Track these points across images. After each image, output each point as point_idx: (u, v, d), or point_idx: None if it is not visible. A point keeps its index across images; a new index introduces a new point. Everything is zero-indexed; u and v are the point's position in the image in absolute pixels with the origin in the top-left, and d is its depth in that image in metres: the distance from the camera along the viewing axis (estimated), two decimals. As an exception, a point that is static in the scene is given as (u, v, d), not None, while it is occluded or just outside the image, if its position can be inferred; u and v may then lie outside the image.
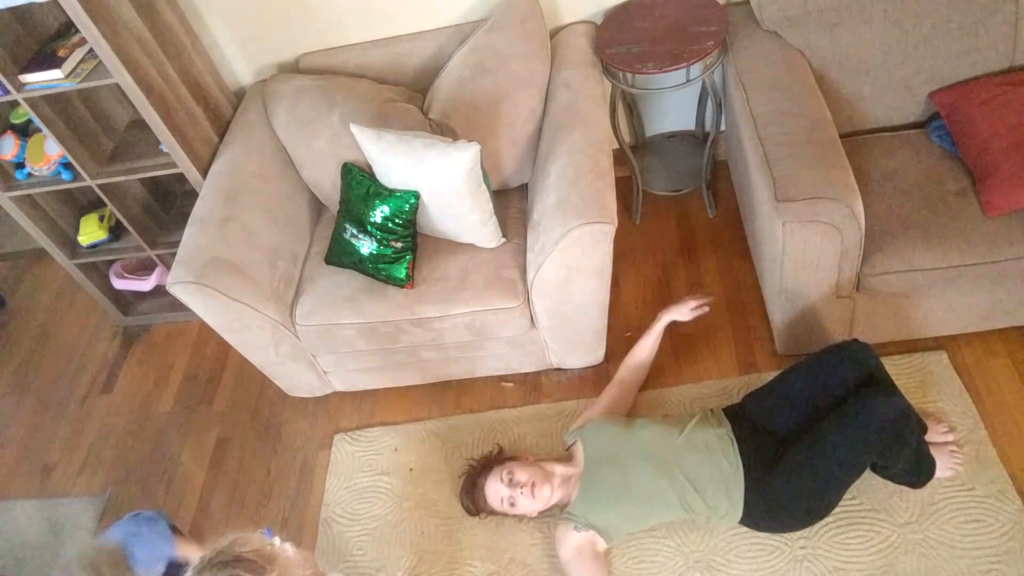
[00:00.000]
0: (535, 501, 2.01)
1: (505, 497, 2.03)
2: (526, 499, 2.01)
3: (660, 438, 1.99)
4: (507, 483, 2.02)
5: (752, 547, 2.01)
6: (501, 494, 2.03)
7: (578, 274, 2.04)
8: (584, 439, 2.10)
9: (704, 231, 2.78)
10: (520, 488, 2.00)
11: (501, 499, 2.04)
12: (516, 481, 2.02)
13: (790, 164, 1.94)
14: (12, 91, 2.23)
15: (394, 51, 2.53)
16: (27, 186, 2.57)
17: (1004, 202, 1.96)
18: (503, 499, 2.03)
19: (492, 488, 2.06)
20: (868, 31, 2.18)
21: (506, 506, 2.04)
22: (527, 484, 2.01)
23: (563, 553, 1.98)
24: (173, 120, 2.34)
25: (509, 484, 2.02)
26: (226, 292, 2.11)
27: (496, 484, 2.04)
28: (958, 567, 1.88)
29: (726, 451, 1.93)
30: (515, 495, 2.01)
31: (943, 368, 2.22)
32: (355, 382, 2.52)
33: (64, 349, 3.11)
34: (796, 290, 2.07)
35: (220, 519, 2.44)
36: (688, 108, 2.85)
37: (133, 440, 2.72)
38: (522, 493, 2.00)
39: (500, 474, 2.05)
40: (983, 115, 2.07)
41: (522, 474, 2.03)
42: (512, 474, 2.03)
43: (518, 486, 2.01)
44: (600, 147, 2.11)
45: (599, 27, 2.46)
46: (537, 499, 2.01)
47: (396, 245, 2.21)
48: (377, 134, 2.15)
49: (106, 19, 2.10)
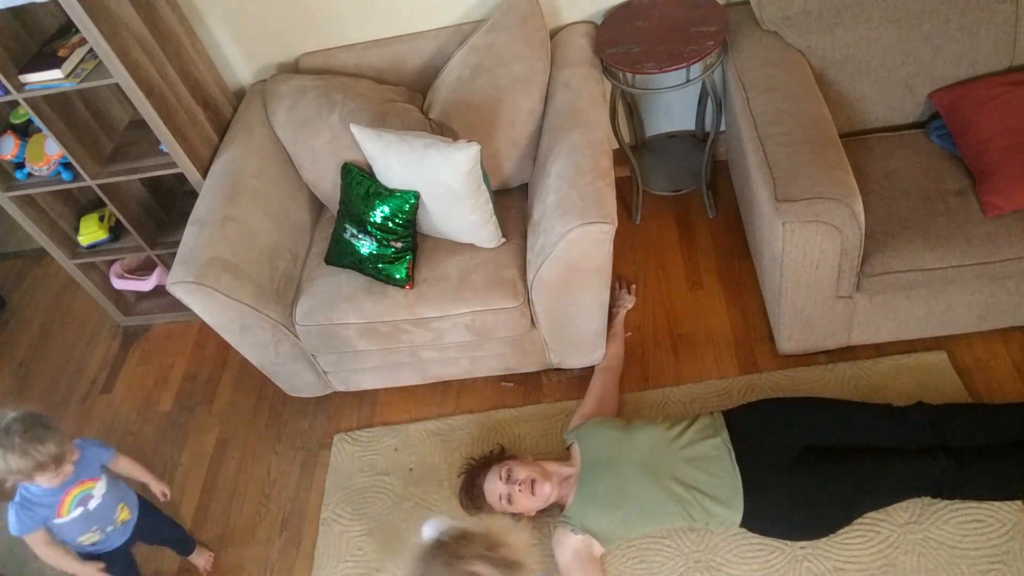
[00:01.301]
0: (534, 499, 2.01)
1: (504, 494, 2.02)
2: (524, 497, 2.00)
3: (657, 445, 1.99)
4: (506, 480, 2.02)
5: (752, 547, 2.01)
6: (500, 491, 2.03)
7: (578, 274, 2.04)
8: (581, 441, 2.10)
9: (704, 231, 2.78)
10: (519, 485, 2.00)
11: (499, 496, 2.03)
12: (515, 478, 2.01)
13: (790, 164, 1.94)
14: (12, 91, 2.23)
15: (394, 51, 2.53)
16: (27, 186, 2.57)
17: (1004, 202, 1.96)
18: (501, 496, 2.03)
19: (491, 485, 2.05)
20: (868, 31, 2.18)
21: (504, 504, 2.03)
22: (526, 481, 2.00)
23: (561, 557, 1.98)
24: (173, 120, 2.34)
25: (508, 481, 2.02)
26: (226, 292, 2.11)
27: (495, 481, 2.04)
28: (958, 567, 1.88)
29: (723, 461, 1.93)
30: (513, 492, 2.01)
31: (943, 368, 2.22)
32: (355, 382, 2.52)
33: (64, 349, 3.11)
34: (796, 290, 2.07)
35: (220, 519, 2.44)
36: (688, 108, 2.85)
37: (133, 440, 2.72)
38: (520, 490, 2.00)
39: (499, 472, 2.05)
40: (983, 115, 2.07)
41: (521, 472, 2.03)
42: (511, 472, 2.03)
43: (517, 483, 2.01)
44: (600, 147, 2.11)
45: (599, 27, 2.46)
46: (536, 497, 2.01)
47: (396, 245, 2.21)
48: (377, 134, 2.15)
49: (106, 19, 2.10)
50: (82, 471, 1.92)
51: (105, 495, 1.98)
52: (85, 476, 1.93)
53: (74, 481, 1.90)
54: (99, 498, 1.96)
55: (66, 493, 1.90)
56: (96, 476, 1.97)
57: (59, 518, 1.91)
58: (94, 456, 1.98)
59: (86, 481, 1.94)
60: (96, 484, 1.96)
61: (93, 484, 1.95)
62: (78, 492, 1.92)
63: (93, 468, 1.97)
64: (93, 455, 1.97)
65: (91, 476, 1.95)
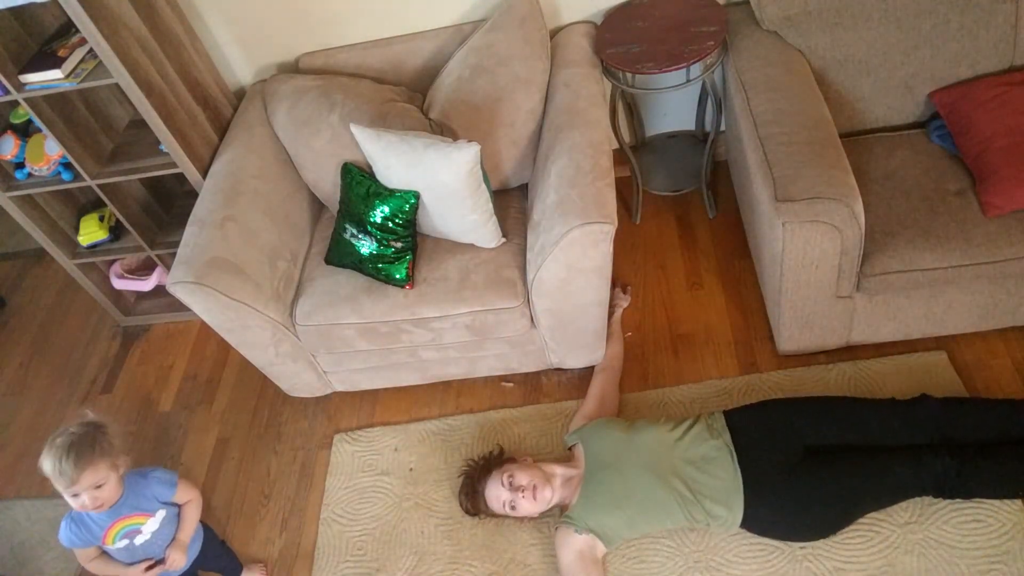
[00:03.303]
0: (536, 504, 2.02)
1: (507, 501, 2.03)
2: (527, 502, 2.01)
3: (660, 446, 1.99)
4: (508, 487, 2.02)
5: (752, 547, 2.01)
6: (503, 498, 2.03)
7: (578, 274, 2.04)
8: (585, 442, 2.10)
9: (704, 231, 2.78)
10: (521, 492, 2.00)
11: (503, 503, 2.04)
12: (517, 485, 2.01)
13: (790, 164, 1.94)
14: (12, 91, 2.23)
15: (394, 51, 2.53)
16: (27, 186, 2.57)
17: (1004, 202, 1.96)
18: (504, 503, 2.03)
19: (493, 492, 2.05)
20: (868, 31, 2.19)
21: (507, 509, 2.04)
22: (528, 487, 2.01)
23: (564, 557, 1.98)
24: (173, 120, 2.34)
25: (510, 488, 2.02)
26: (226, 292, 2.11)
27: (497, 488, 2.04)
28: (958, 567, 1.88)
29: (724, 463, 1.93)
30: (516, 499, 2.01)
31: (943, 368, 2.22)
32: (355, 382, 2.52)
33: (64, 349, 3.11)
34: (796, 290, 2.07)
35: (220, 519, 2.44)
36: (688, 108, 2.85)
37: (133, 440, 2.72)
38: (523, 496, 2.00)
39: (501, 478, 2.05)
40: (983, 115, 2.07)
41: (523, 477, 2.02)
42: (513, 477, 2.03)
43: (519, 490, 2.01)
44: (600, 147, 2.11)
45: (599, 27, 2.46)
46: (539, 502, 2.01)
47: (396, 245, 2.21)
48: (377, 134, 2.15)
49: (106, 19, 2.10)
50: (136, 503, 1.85)
51: (156, 532, 1.90)
52: (137, 510, 1.86)
53: (124, 513, 1.84)
54: (148, 535, 1.89)
55: (114, 523, 1.83)
56: (150, 511, 1.88)
57: (105, 544, 1.86)
58: (153, 492, 1.89)
59: (137, 516, 1.86)
60: (147, 520, 1.88)
61: (144, 520, 1.88)
62: (126, 525, 1.85)
63: (148, 503, 1.89)
64: (152, 490, 1.89)
65: (144, 511, 1.88)
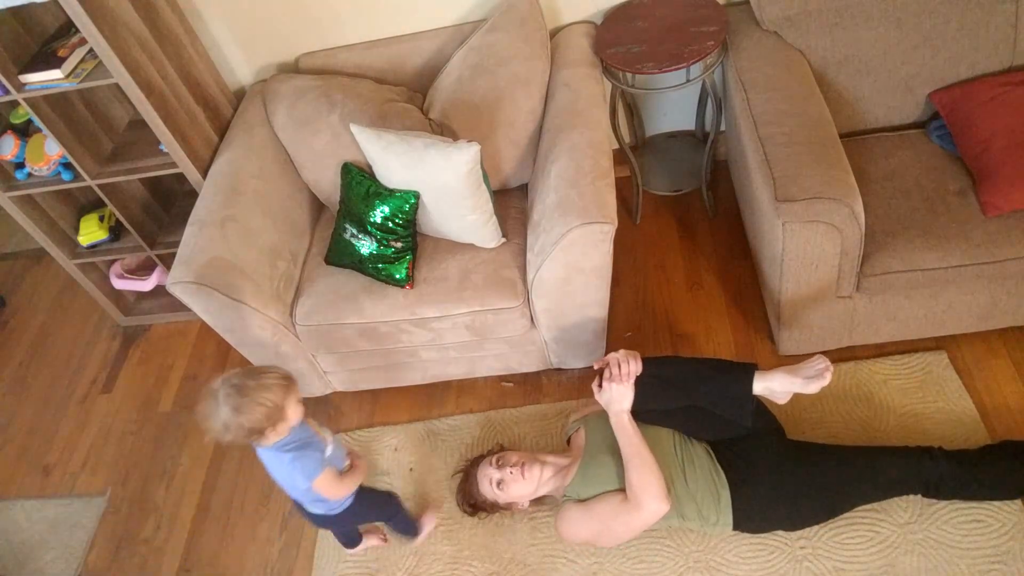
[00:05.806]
0: (525, 483, 2.00)
1: (495, 479, 2.01)
2: (515, 480, 1.99)
3: (657, 445, 1.99)
4: (496, 466, 2.02)
5: (752, 547, 2.01)
6: (491, 476, 2.03)
7: (578, 274, 2.04)
8: (588, 425, 2.10)
9: (704, 231, 2.78)
10: (510, 468, 2.00)
11: (491, 481, 2.02)
12: (506, 462, 2.02)
13: (790, 164, 1.94)
14: (12, 91, 2.23)
15: (394, 51, 2.53)
16: (27, 186, 2.57)
17: (1004, 202, 1.96)
18: (492, 481, 2.02)
19: (483, 472, 2.06)
20: (868, 31, 2.19)
21: (496, 490, 2.02)
22: (517, 464, 2.00)
23: (568, 529, 1.94)
24: (173, 120, 2.34)
25: (499, 466, 2.02)
26: (226, 292, 2.11)
27: (486, 468, 2.05)
28: (958, 567, 1.88)
29: (712, 464, 1.93)
30: (504, 476, 2.00)
31: (943, 368, 2.22)
32: (355, 382, 2.52)
33: (64, 349, 3.11)
34: (796, 290, 2.07)
35: (220, 519, 2.44)
36: (688, 108, 2.85)
37: (133, 440, 2.72)
38: (511, 473, 1.99)
39: (491, 459, 2.06)
40: (983, 115, 2.07)
41: (512, 456, 2.04)
42: (502, 457, 2.04)
43: (508, 466, 2.01)
44: (600, 147, 2.11)
45: (599, 27, 2.46)
46: (527, 480, 2.00)
47: (396, 245, 2.22)
48: (377, 134, 2.15)
49: (106, 19, 2.10)
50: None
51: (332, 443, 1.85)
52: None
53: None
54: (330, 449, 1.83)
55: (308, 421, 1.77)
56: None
57: (327, 445, 1.80)
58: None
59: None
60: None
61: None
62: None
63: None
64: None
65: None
